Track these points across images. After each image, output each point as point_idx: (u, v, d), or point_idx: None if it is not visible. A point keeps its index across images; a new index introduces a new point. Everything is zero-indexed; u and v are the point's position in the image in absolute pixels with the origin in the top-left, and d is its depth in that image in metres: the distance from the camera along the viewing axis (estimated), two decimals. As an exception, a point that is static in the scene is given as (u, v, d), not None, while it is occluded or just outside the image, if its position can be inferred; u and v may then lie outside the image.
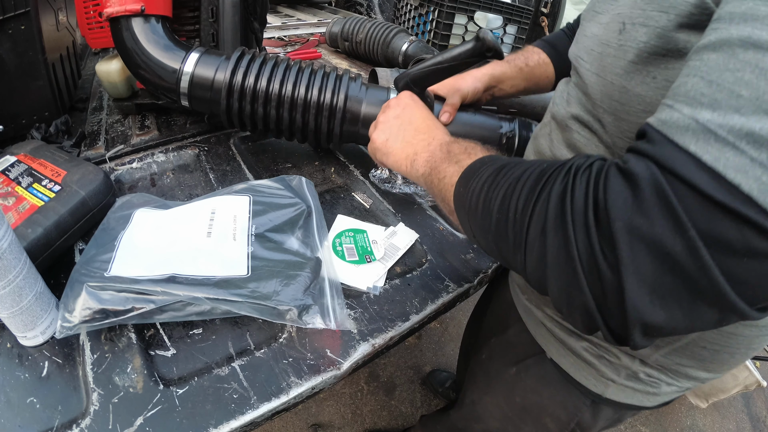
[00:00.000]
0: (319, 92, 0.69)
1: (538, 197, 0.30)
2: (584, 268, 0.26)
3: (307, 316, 0.49)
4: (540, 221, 0.29)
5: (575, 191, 0.27)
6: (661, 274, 0.24)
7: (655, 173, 0.24)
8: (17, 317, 0.44)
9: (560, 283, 0.28)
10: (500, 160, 0.37)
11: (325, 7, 2.13)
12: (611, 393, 0.50)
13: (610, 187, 0.26)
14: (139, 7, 0.69)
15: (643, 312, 0.25)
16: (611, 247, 0.25)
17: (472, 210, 0.36)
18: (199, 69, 0.69)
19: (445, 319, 1.69)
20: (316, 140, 0.74)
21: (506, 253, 0.33)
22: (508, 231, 0.32)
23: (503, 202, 0.32)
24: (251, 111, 0.70)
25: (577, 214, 0.27)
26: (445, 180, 0.42)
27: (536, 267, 0.30)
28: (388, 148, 0.53)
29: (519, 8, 1.32)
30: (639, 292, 0.25)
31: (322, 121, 0.70)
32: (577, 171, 0.29)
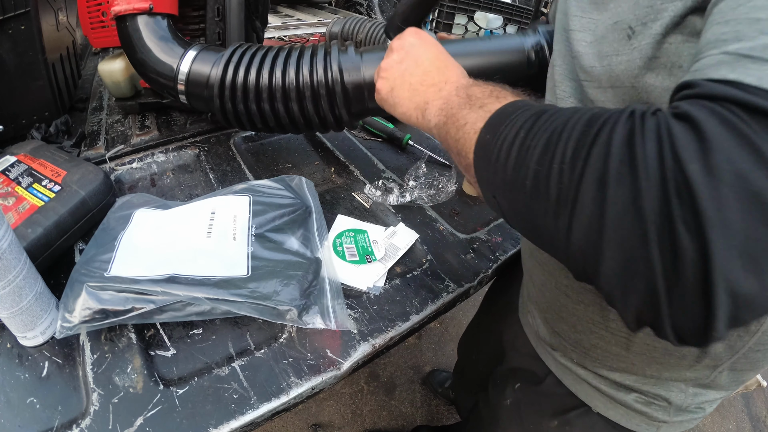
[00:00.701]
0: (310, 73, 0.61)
1: (596, 138, 0.24)
2: (657, 230, 0.21)
3: (307, 316, 0.49)
4: (599, 168, 0.23)
5: (646, 134, 0.23)
6: (753, 225, 0.20)
7: (712, 107, 0.21)
8: (17, 317, 0.44)
9: (620, 252, 0.23)
10: (539, 105, 0.31)
11: (325, 7, 2.13)
12: (663, 431, 0.49)
13: (674, 132, 0.22)
14: (147, 5, 0.69)
15: (735, 281, 0.20)
16: (690, 200, 0.20)
17: (501, 161, 0.30)
18: (196, 66, 0.66)
19: (445, 319, 1.69)
20: (323, 126, 0.66)
21: (542, 216, 0.27)
22: (550, 184, 0.26)
23: (546, 149, 0.26)
24: (245, 109, 0.64)
25: (650, 161, 0.22)
26: (465, 127, 0.35)
27: (587, 231, 0.24)
28: (395, 98, 0.46)
29: (519, 8, 1.32)
30: (729, 256, 0.20)
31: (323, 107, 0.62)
32: (643, 114, 0.24)
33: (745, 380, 0.46)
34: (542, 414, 0.58)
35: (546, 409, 0.57)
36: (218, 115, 0.67)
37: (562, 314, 0.49)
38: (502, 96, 0.36)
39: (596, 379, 0.49)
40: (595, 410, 0.51)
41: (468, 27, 1.30)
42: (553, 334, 0.52)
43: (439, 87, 0.42)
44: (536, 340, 0.57)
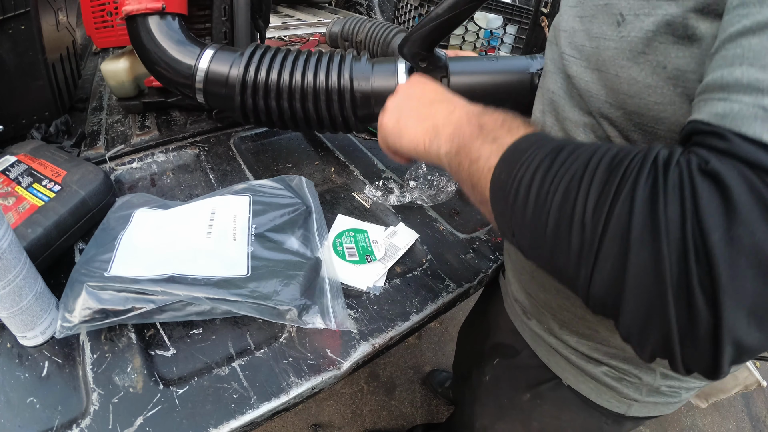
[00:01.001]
0: (326, 77, 0.65)
1: (617, 195, 0.24)
2: (674, 293, 0.22)
3: (307, 316, 0.49)
4: (621, 228, 0.24)
5: (668, 195, 0.23)
6: (763, 289, 0.21)
7: (745, 173, 0.21)
8: (17, 317, 0.44)
9: (640, 308, 0.24)
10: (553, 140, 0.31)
11: (325, 7, 2.13)
12: (634, 411, 0.49)
13: (700, 195, 0.22)
14: (160, 5, 0.69)
15: (740, 336, 0.22)
16: (707, 267, 0.22)
17: (519, 204, 0.30)
18: (214, 65, 0.68)
19: (445, 319, 1.69)
20: (333, 129, 0.70)
21: (563, 262, 0.28)
22: (572, 236, 0.26)
23: (566, 199, 0.27)
24: (265, 105, 0.67)
25: (672, 226, 0.22)
26: (479, 163, 0.35)
27: (608, 285, 0.25)
28: (401, 128, 0.45)
29: (519, 8, 1.32)
30: (737, 316, 0.21)
31: (334, 107, 0.66)
32: (667, 166, 0.24)
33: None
34: (516, 388, 0.59)
35: (520, 382, 0.58)
36: (237, 112, 0.69)
37: (532, 274, 0.50)
38: (514, 128, 0.35)
39: (567, 349, 0.50)
40: (565, 383, 0.52)
41: (468, 27, 1.30)
42: (526, 295, 0.53)
43: (449, 110, 0.42)
44: (513, 311, 0.59)
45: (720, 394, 1.30)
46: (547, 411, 0.56)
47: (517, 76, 0.64)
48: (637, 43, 0.32)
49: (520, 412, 0.60)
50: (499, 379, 0.64)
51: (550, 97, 0.44)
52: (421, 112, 0.44)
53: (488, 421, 0.69)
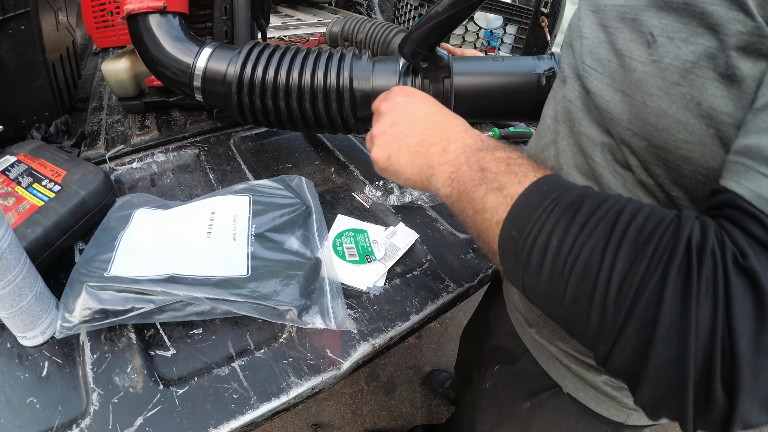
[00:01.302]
0: (324, 76, 0.63)
1: (644, 282, 0.23)
2: (695, 386, 0.22)
3: (307, 316, 0.49)
4: (646, 320, 0.23)
5: (701, 292, 0.22)
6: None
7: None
8: (17, 317, 0.44)
9: (659, 391, 0.24)
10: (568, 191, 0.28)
11: (325, 7, 2.13)
12: (633, 420, 0.49)
13: (734, 297, 0.21)
14: (161, 4, 0.70)
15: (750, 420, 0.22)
16: (731, 367, 0.21)
17: (533, 269, 0.28)
18: (212, 63, 0.68)
19: (445, 319, 1.69)
20: (332, 128, 0.68)
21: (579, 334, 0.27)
22: (591, 314, 0.25)
23: (586, 274, 0.25)
24: (262, 104, 0.67)
25: (702, 327, 0.22)
26: (485, 214, 0.32)
27: (626, 366, 0.24)
28: (394, 166, 0.41)
29: (519, 8, 1.32)
30: (752, 408, 0.22)
31: (333, 108, 0.65)
32: (701, 254, 0.22)
33: None
34: (517, 395, 0.58)
35: (521, 390, 0.58)
36: (234, 111, 0.69)
37: None
38: (520, 172, 0.32)
39: (567, 357, 0.49)
40: (565, 391, 0.51)
41: (468, 27, 1.30)
42: (527, 307, 0.53)
43: (442, 147, 0.38)
44: (515, 317, 0.58)
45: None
46: (547, 419, 0.56)
47: (524, 78, 0.62)
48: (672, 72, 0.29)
49: (519, 420, 0.60)
50: (499, 386, 0.64)
51: (566, 106, 0.41)
52: (411, 146, 0.40)
53: (488, 427, 0.68)
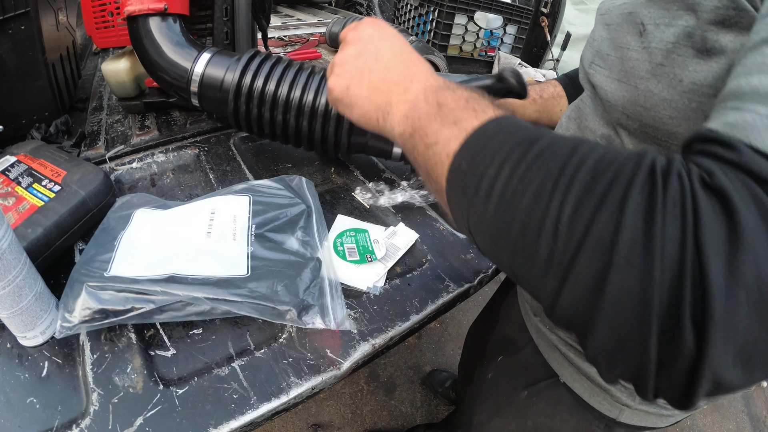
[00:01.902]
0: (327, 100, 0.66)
1: (602, 202, 0.21)
2: (660, 322, 0.19)
3: (307, 316, 0.49)
4: (603, 241, 0.20)
5: (667, 209, 0.20)
6: (758, 330, 0.19)
7: (754, 191, 0.19)
8: (17, 317, 0.44)
9: (615, 334, 0.21)
10: (524, 128, 0.27)
11: (325, 7, 2.13)
12: (626, 417, 0.49)
13: (702, 215, 0.19)
14: (162, 6, 0.69)
15: (721, 375, 0.19)
16: (701, 297, 0.19)
17: (480, 200, 0.26)
18: (210, 69, 0.69)
19: (445, 319, 1.69)
20: (323, 149, 0.72)
21: (528, 271, 0.24)
22: (540, 243, 0.22)
23: (537, 199, 0.23)
24: (258, 114, 0.68)
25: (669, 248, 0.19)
26: (436, 147, 0.30)
27: (580, 303, 0.22)
28: (351, 98, 0.40)
29: (519, 8, 1.32)
30: (724, 355, 0.19)
31: (329, 131, 0.68)
32: (666, 175, 0.21)
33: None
34: (516, 386, 0.59)
35: (520, 381, 0.59)
36: (229, 118, 0.70)
37: None
38: (479, 108, 0.30)
39: (566, 346, 0.50)
40: (562, 380, 0.52)
41: (468, 27, 1.30)
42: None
43: (404, 86, 0.36)
44: (523, 306, 0.59)
45: (720, 394, 1.30)
46: (542, 410, 0.57)
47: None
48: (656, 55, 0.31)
49: (516, 410, 0.61)
50: (500, 377, 0.65)
51: (578, 105, 0.44)
52: (373, 81, 0.38)
53: (485, 417, 0.69)
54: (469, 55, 1.36)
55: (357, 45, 0.41)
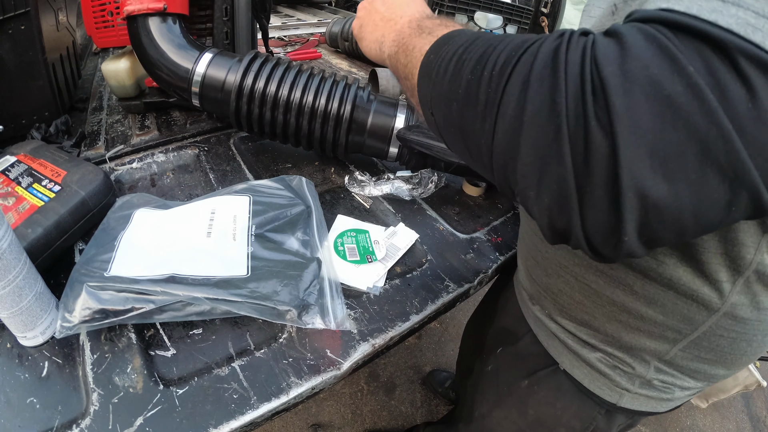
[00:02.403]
0: (327, 100, 0.69)
1: (525, 50, 0.26)
2: (570, 125, 0.22)
3: (307, 316, 0.49)
4: (523, 73, 0.25)
5: (571, 45, 0.24)
6: (662, 126, 0.21)
7: (640, 26, 0.23)
8: (17, 317, 0.44)
9: (535, 147, 0.24)
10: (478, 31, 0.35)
11: (325, 7, 2.13)
12: (625, 402, 0.49)
13: (598, 44, 0.23)
14: (161, 6, 0.69)
15: (643, 179, 0.21)
16: (603, 99, 0.22)
17: (440, 76, 0.32)
18: (211, 70, 0.69)
19: (445, 319, 1.69)
20: (321, 148, 0.74)
21: (471, 122, 0.29)
22: (480, 91, 0.27)
23: (479, 61, 0.29)
24: (259, 114, 0.69)
25: (571, 65, 0.23)
26: (413, 52, 0.38)
27: (508, 130, 0.25)
28: (362, 33, 0.51)
29: (519, 8, 1.32)
30: (637, 152, 0.21)
31: (328, 130, 0.70)
32: (572, 34, 0.26)
33: (713, 375, 0.46)
34: (516, 375, 0.60)
35: (520, 370, 0.59)
36: (231, 118, 0.71)
37: (537, 258, 0.52)
38: (450, 25, 0.39)
39: (564, 333, 0.51)
40: (561, 367, 0.53)
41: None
42: (531, 281, 0.55)
43: (395, 21, 0.46)
44: (521, 295, 0.60)
45: (720, 394, 1.31)
46: (543, 398, 0.57)
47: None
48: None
49: (517, 399, 0.61)
50: (500, 369, 0.65)
51: None
52: (377, 22, 0.49)
53: (486, 409, 0.69)
54: (469, 55, 1.36)
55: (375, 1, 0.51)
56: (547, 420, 0.58)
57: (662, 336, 0.43)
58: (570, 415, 0.55)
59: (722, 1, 0.21)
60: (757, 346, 0.43)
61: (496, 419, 0.67)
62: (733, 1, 0.21)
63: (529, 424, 0.61)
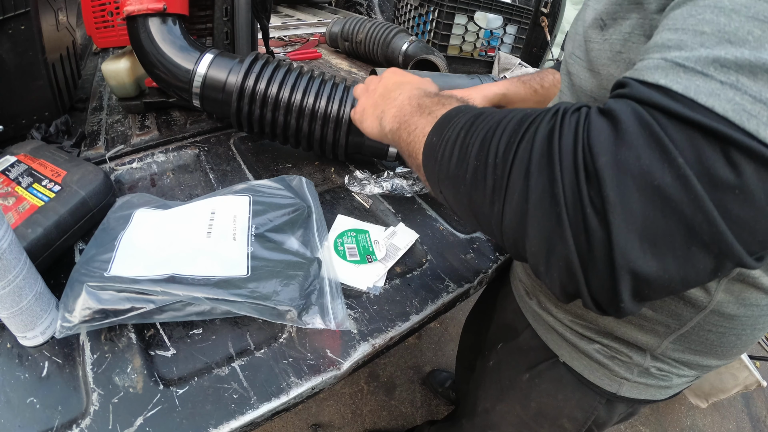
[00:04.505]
0: (327, 102, 0.70)
1: (523, 137, 0.28)
2: (569, 213, 0.25)
3: (307, 316, 0.49)
4: (524, 161, 0.27)
5: (563, 130, 0.26)
6: (652, 213, 0.23)
7: (636, 107, 0.24)
8: (17, 317, 0.44)
9: (541, 231, 0.26)
10: (478, 108, 0.36)
11: (325, 7, 2.13)
12: (625, 391, 0.51)
13: (592, 127, 0.25)
14: (161, 6, 0.69)
15: (634, 260, 0.23)
16: (597, 187, 0.23)
17: (445, 159, 0.34)
18: (212, 71, 0.70)
19: (445, 319, 1.69)
20: (321, 149, 0.75)
21: (481, 205, 0.31)
22: (487, 177, 0.29)
23: (482, 147, 0.30)
24: (260, 115, 0.70)
25: (565, 154, 0.25)
26: (415, 131, 0.40)
27: (515, 214, 0.28)
28: (363, 115, 0.53)
29: (519, 8, 1.32)
30: (628, 237, 0.23)
31: (328, 132, 0.71)
32: (565, 112, 0.27)
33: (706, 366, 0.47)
34: (518, 369, 0.61)
35: (521, 364, 0.61)
36: (231, 118, 0.72)
37: None
38: (447, 103, 0.40)
39: (562, 326, 0.52)
40: (561, 360, 0.54)
41: (468, 27, 1.30)
42: (527, 274, 0.57)
43: (393, 97, 0.48)
44: (518, 291, 0.61)
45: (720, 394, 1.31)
46: (544, 390, 0.58)
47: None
48: (615, 44, 0.36)
49: (519, 393, 0.62)
50: (502, 364, 0.66)
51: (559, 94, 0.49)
52: (377, 100, 0.51)
53: (489, 404, 0.70)
54: (469, 55, 1.36)
55: (373, 83, 0.55)
56: (549, 412, 0.59)
57: (653, 330, 0.44)
58: (572, 406, 0.56)
59: (720, 82, 0.22)
60: (747, 338, 0.44)
61: (500, 413, 0.68)
62: (731, 83, 0.22)
63: (532, 416, 0.62)
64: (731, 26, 0.22)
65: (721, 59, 0.22)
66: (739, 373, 1.21)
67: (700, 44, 0.23)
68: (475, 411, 0.75)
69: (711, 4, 0.23)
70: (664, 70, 0.24)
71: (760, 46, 0.21)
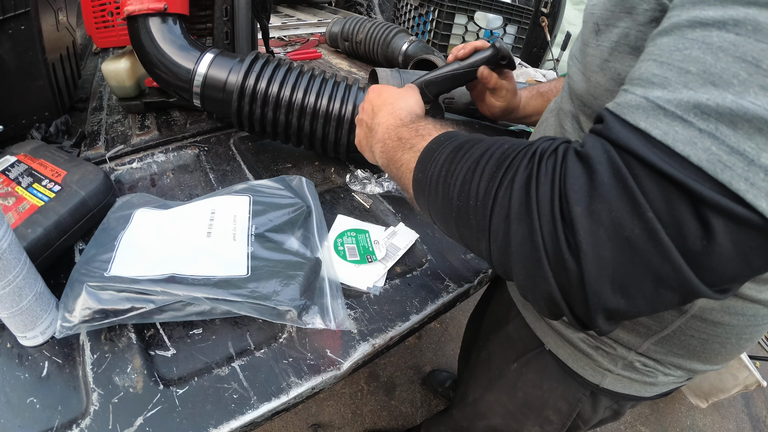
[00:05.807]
0: (328, 101, 0.70)
1: (501, 183, 0.29)
2: (549, 257, 0.26)
3: (307, 316, 0.49)
4: (503, 208, 0.28)
5: (540, 178, 0.27)
6: (622, 261, 0.24)
7: (611, 154, 0.24)
8: (17, 317, 0.44)
9: (525, 272, 0.28)
10: (456, 138, 0.36)
11: (325, 7, 2.13)
12: (608, 383, 0.51)
13: (568, 174, 0.26)
14: (162, 6, 0.70)
15: (605, 300, 0.25)
16: (573, 234, 0.25)
17: (432, 196, 0.36)
18: (213, 70, 0.70)
19: (445, 319, 1.69)
20: (323, 148, 0.75)
21: (470, 240, 0.33)
22: (470, 217, 0.31)
23: (462, 188, 0.32)
24: (261, 115, 0.70)
25: (542, 203, 0.26)
26: (402, 168, 0.42)
27: (500, 254, 0.29)
28: (360, 146, 0.56)
29: (519, 8, 1.32)
30: (599, 281, 0.24)
31: (330, 131, 0.71)
32: (542, 156, 0.28)
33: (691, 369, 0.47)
34: (507, 359, 0.63)
35: (510, 354, 0.62)
36: (232, 117, 0.72)
37: None
38: (426, 133, 0.41)
39: None
40: (547, 348, 0.55)
41: (468, 27, 1.30)
42: None
43: (375, 131, 0.49)
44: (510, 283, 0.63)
45: (720, 394, 1.31)
46: (530, 380, 0.59)
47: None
48: (604, 51, 0.36)
49: (506, 383, 0.63)
50: (492, 354, 0.67)
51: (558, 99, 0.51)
52: (366, 132, 0.53)
53: (479, 393, 0.72)
54: (469, 55, 1.36)
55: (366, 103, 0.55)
56: (534, 402, 0.60)
57: (634, 330, 0.45)
58: (556, 397, 0.57)
59: (699, 130, 0.22)
60: (732, 347, 0.44)
61: (488, 403, 0.70)
62: (710, 131, 0.22)
63: (518, 406, 0.63)
64: (717, 67, 0.22)
65: (702, 105, 0.22)
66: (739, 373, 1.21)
67: (684, 84, 0.23)
68: (465, 400, 0.76)
69: (699, 39, 0.23)
70: (645, 111, 0.24)
71: (744, 91, 0.21)
